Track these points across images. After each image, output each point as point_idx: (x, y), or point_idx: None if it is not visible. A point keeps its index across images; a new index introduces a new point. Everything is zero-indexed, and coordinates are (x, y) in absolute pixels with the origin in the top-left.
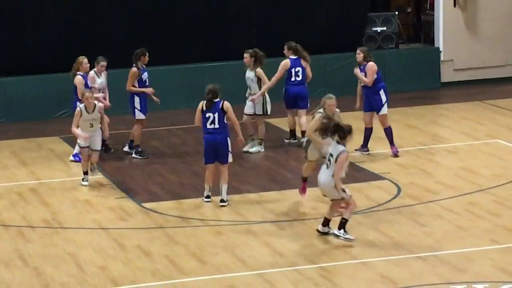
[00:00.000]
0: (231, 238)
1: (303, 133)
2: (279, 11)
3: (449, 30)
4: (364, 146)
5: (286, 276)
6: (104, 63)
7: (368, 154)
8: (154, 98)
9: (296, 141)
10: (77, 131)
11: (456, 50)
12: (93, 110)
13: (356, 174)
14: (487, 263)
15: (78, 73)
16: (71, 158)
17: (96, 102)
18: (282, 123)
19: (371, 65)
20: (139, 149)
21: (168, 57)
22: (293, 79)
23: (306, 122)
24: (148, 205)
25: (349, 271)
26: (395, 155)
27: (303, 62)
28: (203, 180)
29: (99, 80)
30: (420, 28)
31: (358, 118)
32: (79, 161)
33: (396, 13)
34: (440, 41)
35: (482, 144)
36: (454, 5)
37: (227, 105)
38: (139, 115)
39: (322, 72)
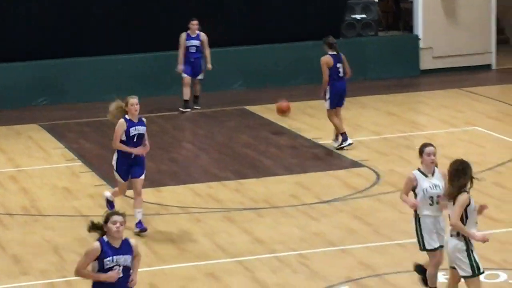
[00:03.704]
0: (210, 225)
1: None
2: None
3: (428, 17)
4: None
5: (265, 263)
6: None
7: None
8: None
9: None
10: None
11: (435, 37)
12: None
13: (335, 161)
14: None
15: (125, 116)
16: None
17: None
18: (261, 110)
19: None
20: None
21: (145, 44)
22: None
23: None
24: (127, 192)
25: (328, 258)
26: None
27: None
28: (181, 168)
29: None
30: (399, 15)
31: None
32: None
33: (376, 0)
34: (419, 29)
35: (460, 132)
36: None
37: None
38: (326, 106)
39: (302, 60)
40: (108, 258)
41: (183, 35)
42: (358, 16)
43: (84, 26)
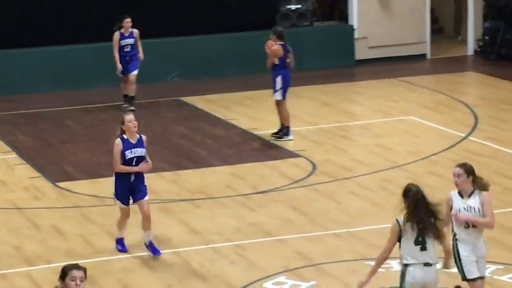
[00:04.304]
0: None
1: None
2: None
3: (362, 8)
4: None
5: (201, 254)
6: None
7: None
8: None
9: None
10: None
11: (370, 27)
12: None
13: (271, 151)
14: None
15: (123, 135)
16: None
17: None
18: (197, 101)
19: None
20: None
21: (82, 35)
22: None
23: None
24: (62, 184)
25: (265, 248)
26: None
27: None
28: None
29: None
30: (335, 6)
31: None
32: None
33: None
34: (354, 19)
35: (396, 121)
36: None
37: None
38: (278, 96)
39: (237, 50)
40: None
41: (117, 35)
42: (293, 6)
43: (17, 16)
